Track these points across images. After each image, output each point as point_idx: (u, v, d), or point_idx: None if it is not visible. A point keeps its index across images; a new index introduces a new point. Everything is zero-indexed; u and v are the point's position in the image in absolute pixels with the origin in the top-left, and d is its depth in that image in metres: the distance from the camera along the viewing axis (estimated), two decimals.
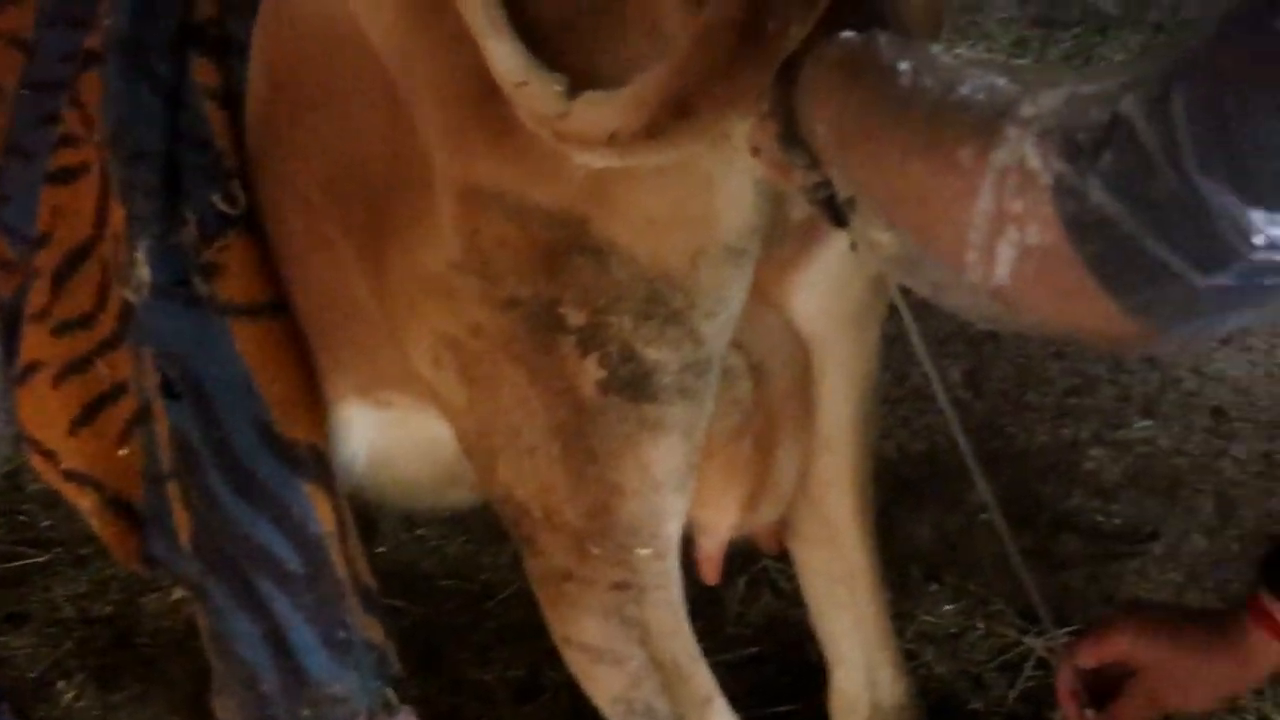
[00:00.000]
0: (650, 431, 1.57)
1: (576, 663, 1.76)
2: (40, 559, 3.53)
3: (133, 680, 3.08)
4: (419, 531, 3.56)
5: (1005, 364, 3.20)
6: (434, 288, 1.58)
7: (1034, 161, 1.00)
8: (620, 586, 1.66)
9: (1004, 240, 1.03)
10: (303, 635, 1.85)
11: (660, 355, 1.52)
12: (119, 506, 1.96)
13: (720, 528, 1.87)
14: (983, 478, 1.69)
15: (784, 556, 2.12)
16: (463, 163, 1.49)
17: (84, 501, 1.98)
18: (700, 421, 1.62)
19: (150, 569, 2.00)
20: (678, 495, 1.64)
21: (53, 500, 3.50)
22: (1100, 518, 2.94)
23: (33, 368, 1.97)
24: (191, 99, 1.77)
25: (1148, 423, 3.01)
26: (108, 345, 1.93)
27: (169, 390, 1.78)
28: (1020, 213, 1.01)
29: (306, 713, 1.90)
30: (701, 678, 1.75)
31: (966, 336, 3.24)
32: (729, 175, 1.44)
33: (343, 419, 1.88)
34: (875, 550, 2.00)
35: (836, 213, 1.33)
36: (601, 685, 1.76)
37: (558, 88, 1.33)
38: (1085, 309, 1.03)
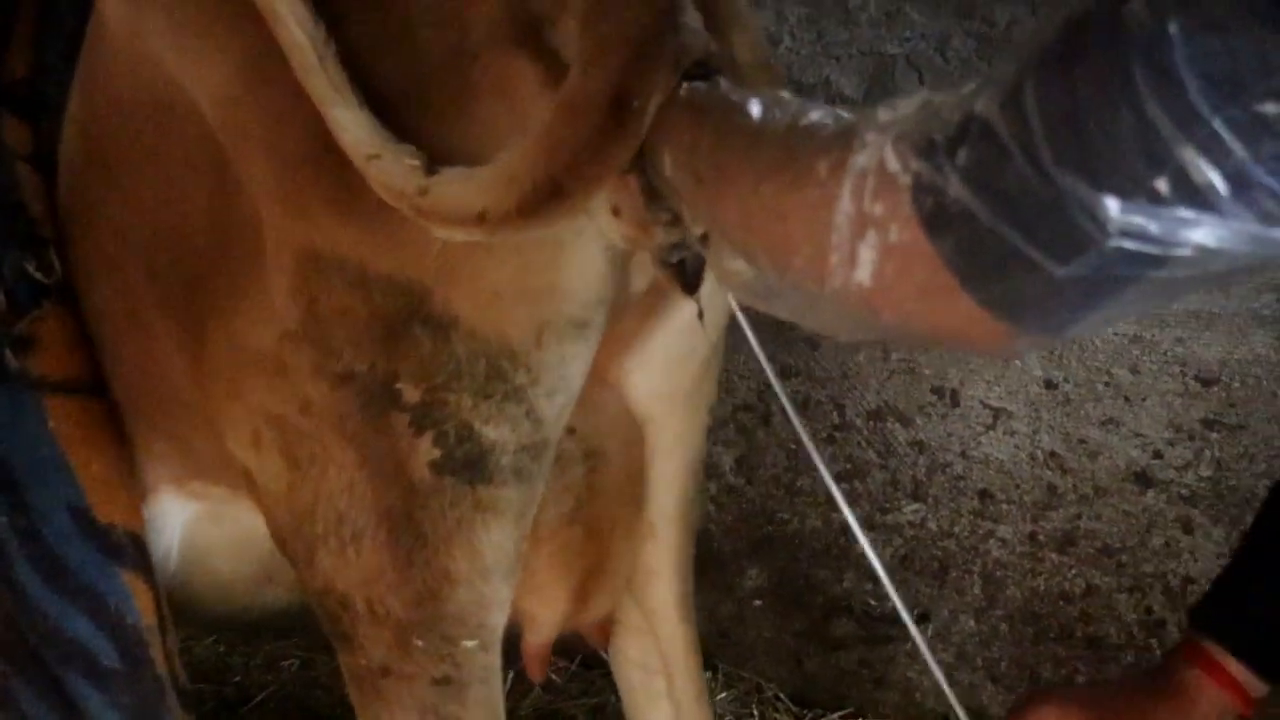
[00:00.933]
0: (483, 514, 1.56)
1: None
2: None
3: None
4: None
5: (777, 449, 3.18)
6: (260, 363, 1.55)
7: (892, 163, 1.01)
8: (442, 682, 1.64)
9: (865, 243, 1.03)
10: None
11: (498, 435, 1.52)
12: None
13: (549, 621, 1.87)
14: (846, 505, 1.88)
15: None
16: (301, 227, 1.46)
17: None
18: (532, 506, 1.62)
19: None
20: (505, 583, 1.64)
21: None
22: (872, 601, 3.25)
23: None
24: (1, 162, 1.73)
25: (917, 506, 3.11)
26: None
27: None
28: (880, 215, 1.01)
29: None
30: None
31: (738, 424, 3.17)
32: (578, 244, 1.45)
33: (157, 511, 1.85)
34: (694, 639, 2.07)
35: (687, 278, 1.40)
36: None
37: (413, 162, 1.33)
38: (945, 307, 1.03)
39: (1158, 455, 2.84)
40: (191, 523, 1.87)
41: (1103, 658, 3.06)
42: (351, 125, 1.34)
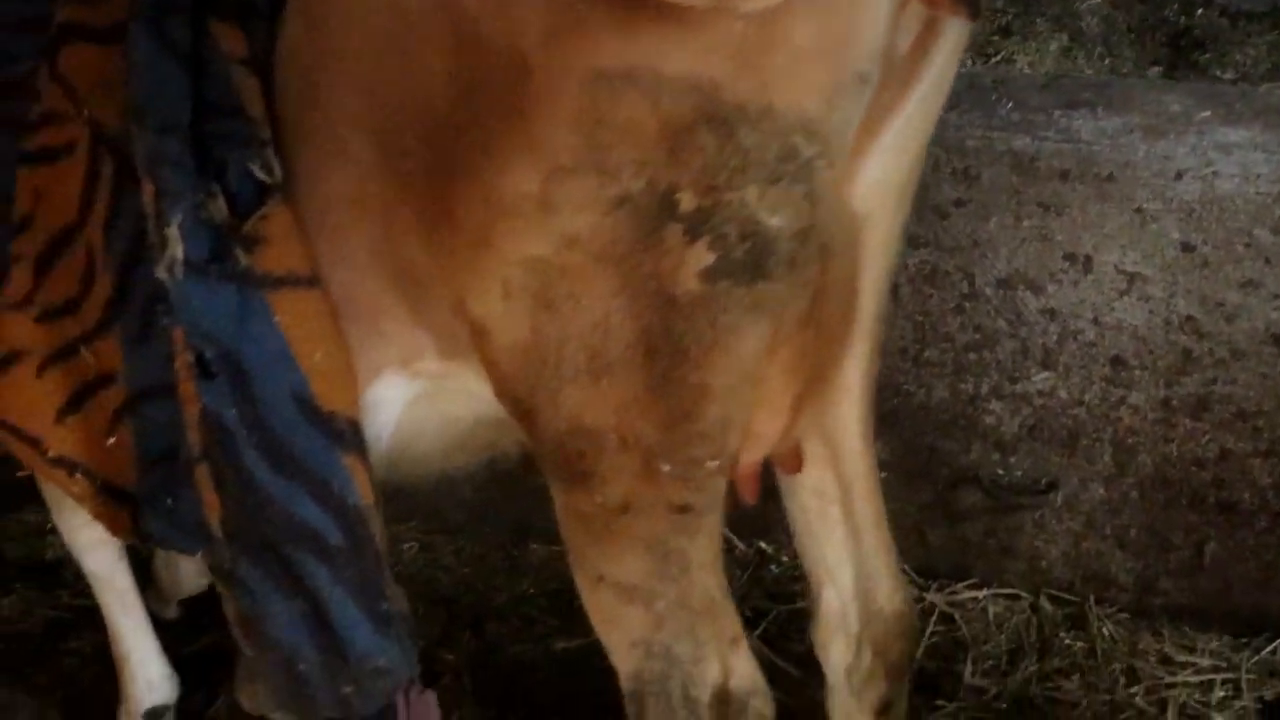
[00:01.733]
0: (752, 315, 1.59)
1: (604, 605, 1.81)
2: None
3: None
4: None
5: (904, 321, 3.17)
6: (520, 209, 1.58)
7: None
8: (680, 510, 1.70)
9: None
10: (346, 610, 1.85)
11: (781, 222, 1.54)
12: (110, 492, 1.99)
13: (767, 436, 1.84)
14: None
15: None
16: (585, 50, 1.48)
17: (74, 488, 2.02)
18: (791, 303, 1.66)
19: (144, 541, 2.06)
20: (749, 394, 1.69)
21: None
22: (999, 471, 3.22)
23: (13, 357, 1.99)
24: (216, 67, 1.75)
25: (1047, 374, 3.10)
26: (93, 334, 1.93)
27: (203, 369, 1.77)
28: None
29: (348, 689, 1.89)
30: (731, 616, 1.83)
31: None
32: None
33: (380, 394, 1.90)
34: (874, 462, 2.14)
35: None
36: (624, 628, 1.81)
37: None
38: None
39: None
40: (408, 401, 1.93)
41: (1235, 523, 3.05)
42: None
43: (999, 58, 3.78)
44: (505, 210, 1.60)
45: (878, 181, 1.79)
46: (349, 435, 1.82)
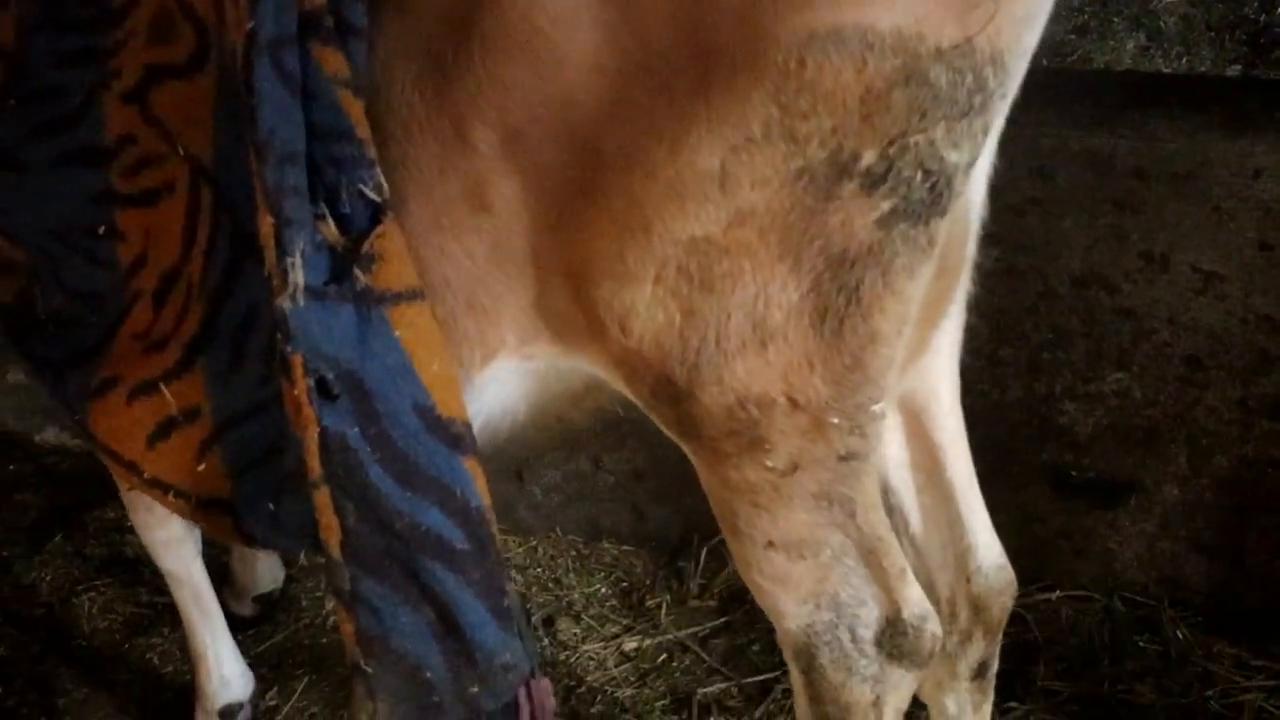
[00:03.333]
0: (925, 255, 1.63)
1: (773, 570, 1.84)
2: None
3: (75, 684, 3.24)
4: None
5: (979, 319, 3.16)
6: (695, 188, 1.61)
7: None
8: (847, 457, 1.75)
9: None
10: (474, 612, 1.87)
11: (960, 156, 1.58)
12: (208, 504, 2.05)
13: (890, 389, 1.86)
14: None
15: None
16: (797, 14, 1.50)
17: (174, 505, 2.08)
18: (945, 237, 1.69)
19: (249, 544, 2.15)
20: (908, 333, 1.73)
21: None
22: (1073, 471, 3.21)
23: (111, 382, 2.06)
24: (322, 91, 1.76)
25: (1121, 374, 3.08)
26: (172, 373, 2.01)
27: (324, 392, 1.78)
28: None
29: (474, 689, 1.90)
30: (896, 550, 1.86)
31: None
32: None
33: (486, 377, 1.97)
34: (963, 423, 2.18)
35: None
36: (795, 586, 1.84)
37: None
38: None
39: None
40: (516, 380, 2.00)
41: None
42: None
43: (1075, 57, 3.76)
44: (675, 191, 1.63)
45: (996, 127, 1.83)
46: (466, 439, 1.86)
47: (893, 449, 2.16)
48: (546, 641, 3.42)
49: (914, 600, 1.91)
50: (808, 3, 1.50)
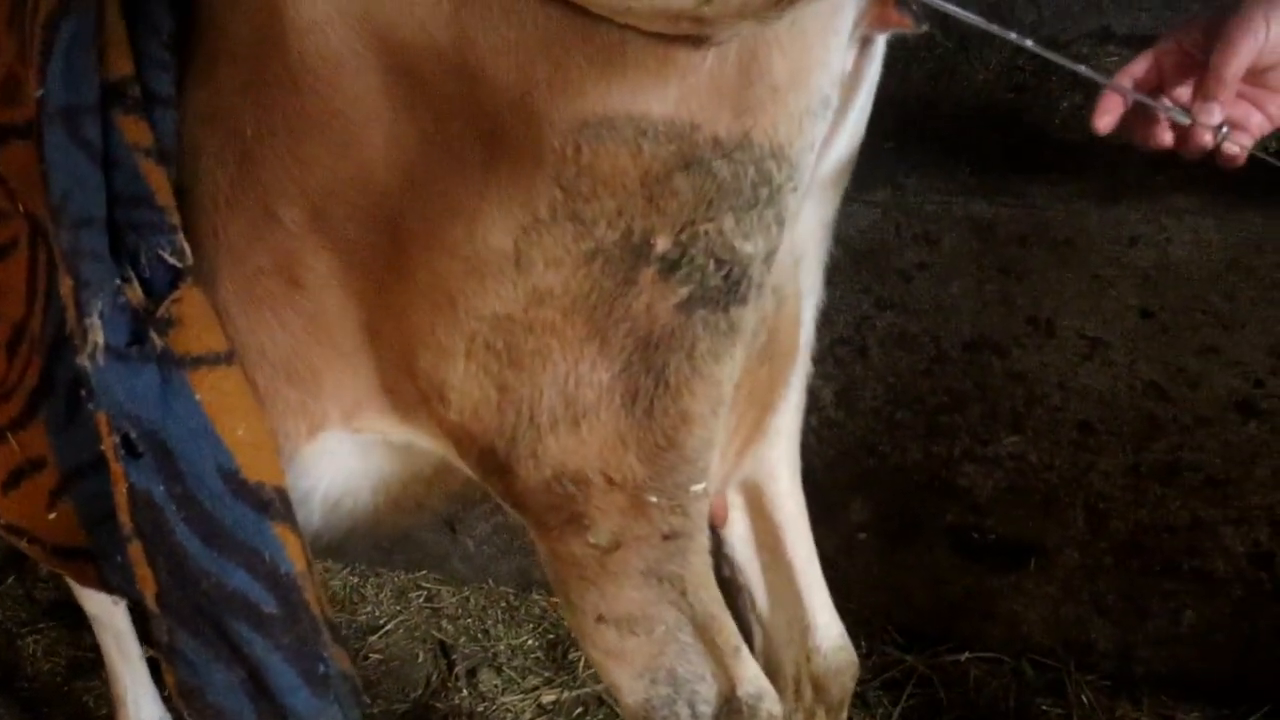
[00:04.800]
0: (729, 340, 1.62)
1: (606, 644, 1.83)
2: None
3: None
4: None
5: (875, 383, 3.18)
6: (485, 268, 1.62)
7: None
8: (671, 536, 1.73)
9: None
10: (284, 676, 1.87)
11: (755, 247, 1.57)
12: (65, 552, 2.06)
13: (717, 476, 1.86)
14: None
15: None
16: (566, 103, 1.51)
17: (31, 550, 2.11)
18: (756, 327, 1.70)
19: (109, 592, 2.10)
20: (726, 416, 1.72)
21: None
22: (975, 533, 3.23)
23: None
24: (123, 158, 1.79)
25: (1016, 438, 3.09)
26: (17, 422, 2.02)
27: (129, 449, 1.80)
28: None
29: None
30: (730, 628, 1.83)
31: (836, 358, 3.18)
32: (842, 9, 1.52)
33: (315, 449, 1.95)
34: (803, 503, 2.16)
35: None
36: (629, 661, 1.83)
37: None
38: None
39: (1259, 384, 2.78)
40: (349, 457, 1.98)
41: (1211, 591, 3.01)
42: None
43: (1004, 115, 3.77)
44: (473, 269, 1.64)
45: (816, 219, 1.86)
46: (277, 504, 1.85)
47: (738, 528, 2.18)
48: (466, 692, 3.46)
49: (749, 678, 1.88)
50: (579, 91, 1.50)
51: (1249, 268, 2.70)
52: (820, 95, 1.53)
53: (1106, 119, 1.75)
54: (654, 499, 1.70)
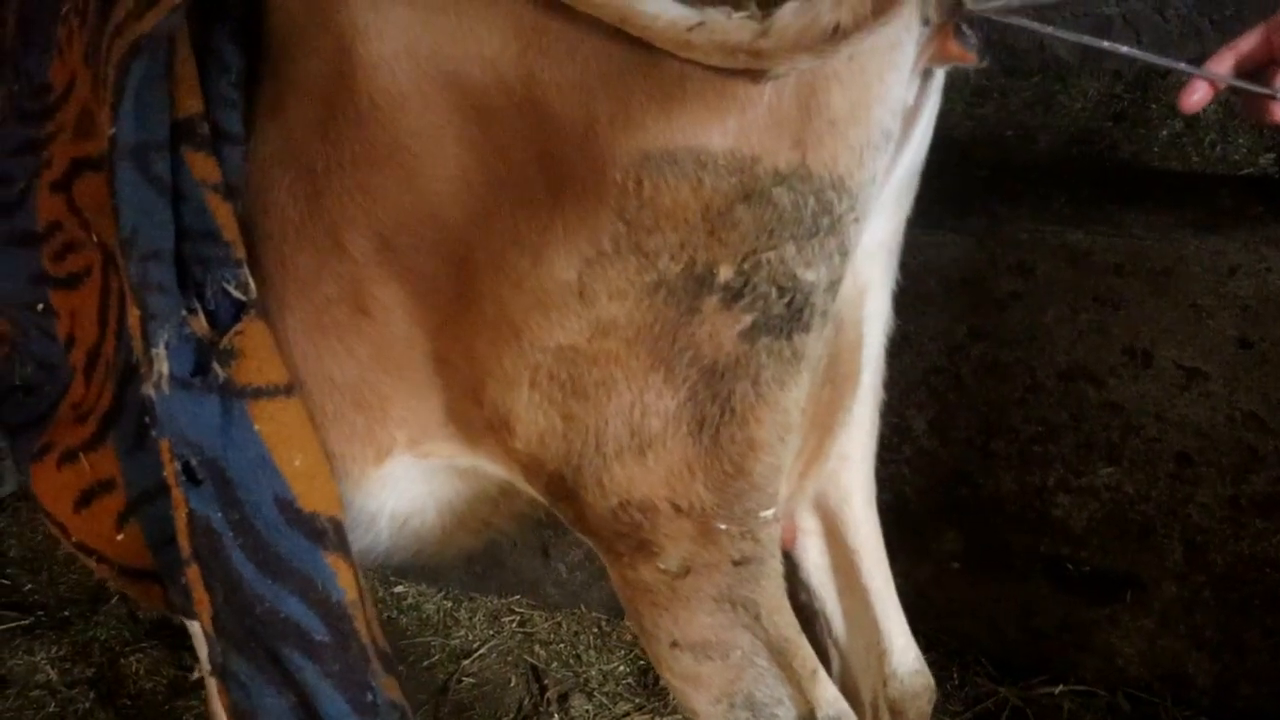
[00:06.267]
0: (794, 367, 1.63)
1: (682, 668, 1.84)
2: (23, 622, 3.89)
3: None
4: (397, 588, 4.08)
5: (968, 412, 3.17)
6: (551, 300, 1.65)
7: None
8: (741, 563, 1.74)
9: None
10: (333, 702, 1.90)
11: (817, 275, 1.59)
12: (131, 573, 2.12)
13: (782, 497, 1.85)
14: None
15: None
16: (628, 137, 1.54)
17: (99, 570, 2.15)
18: (821, 353, 1.71)
19: (174, 613, 2.18)
20: (794, 443, 1.73)
21: (35, 564, 4.27)
22: (1070, 564, 3.20)
23: (47, 447, 2.14)
24: (191, 193, 1.84)
25: (1112, 469, 3.07)
26: (90, 443, 2.07)
27: (190, 476, 1.85)
28: None
29: None
30: (806, 650, 1.84)
31: (930, 387, 3.17)
32: (900, 48, 1.52)
33: (382, 474, 2.00)
34: (879, 526, 2.17)
35: (974, 41, 1.54)
36: (705, 686, 1.84)
37: (741, 13, 1.43)
38: None
39: None
40: (417, 479, 2.02)
41: None
42: (660, 9, 1.45)
43: (1102, 145, 3.75)
44: (539, 301, 1.67)
45: (877, 244, 1.88)
46: (331, 534, 1.90)
47: (813, 554, 2.19)
48: (557, 717, 3.47)
49: (828, 701, 1.89)
50: (640, 125, 1.54)
51: None
52: (881, 128, 1.54)
53: (1195, 98, 1.72)
54: (723, 526, 1.72)
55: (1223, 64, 1.71)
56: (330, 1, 1.75)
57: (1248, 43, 1.71)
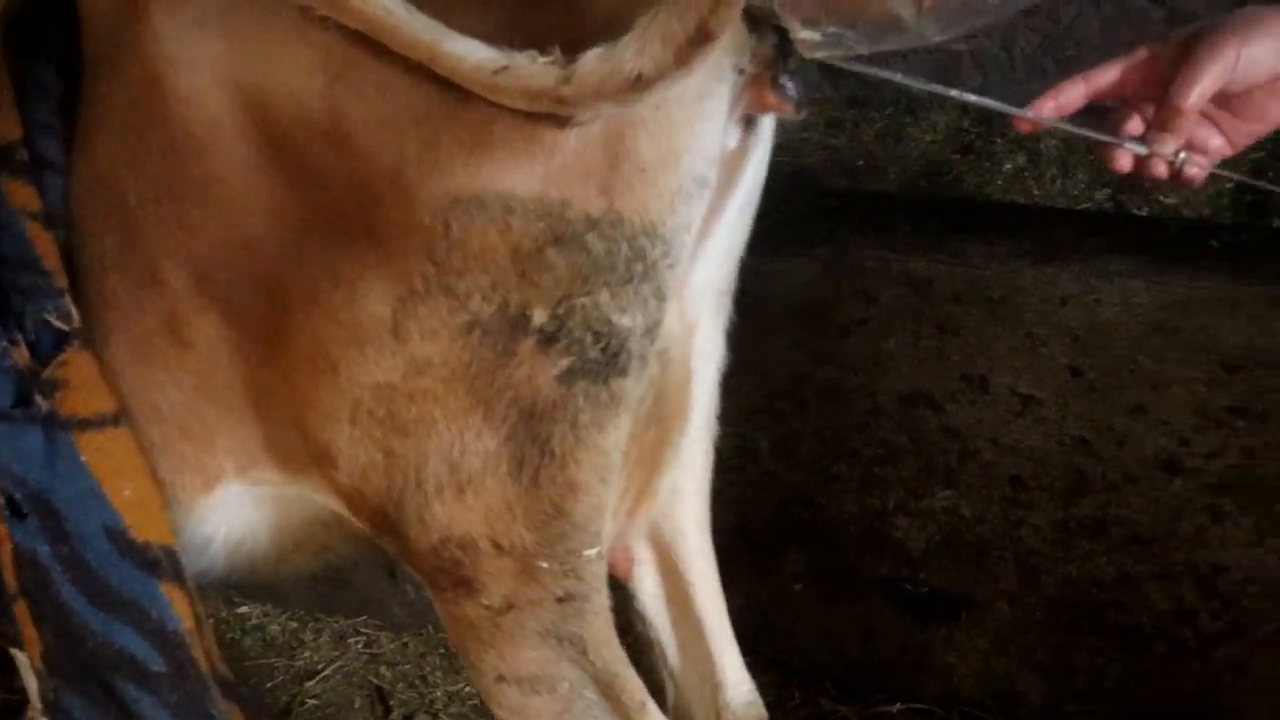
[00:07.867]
0: (612, 411, 1.65)
1: (509, 703, 1.85)
2: None
3: None
4: (241, 609, 4.06)
5: (811, 436, 3.23)
6: (366, 336, 1.64)
7: None
8: (565, 599, 1.75)
9: None
10: None
11: (633, 321, 1.60)
12: None
13: (608, 533, 1.86)
14: None
15: None
16: (436, 179, 1.54)
17: None
18: (642, 396, 1.73)
19: (11, 645, 2.08)
20: (616, 483, 1.74)
21: None
22: (909, 586, 3.29)
23: None
24: (10, 221, 1.81)
25: (950, 492, 3.15)
26: None
27: (13, 510, 1.82)
28: None
29: None
30: (635, 684, 1.85)
31: (774, 411, 3.24)
32: (712, 94, 1.55)
33: (211, 502, 1.97)
34: (714, 562, 2.18)
35: (784, 46, 1.53)
36: (534, 719, 1.85)
37: (545, 58, 1.43)
38: None
39: (1184, 443, 2.84)
40: (246, 507, 2.01)
41: (1135, 648, 3.06)
42: (468, 51, 1.44)
43: (948, 177, 3.85)
44: (354, 336, 1.66)
45: (706, 285, 1.89)
46: (164, 563, 1.87)
47: (648, 584, 2.21)
48: None
49: None
50: (449, 170, 1.55)
51: (1175, 329, 2.76)
52: (692, 175, 1.57)
53: (1027, 126, 1.77)
54: (545, 564, 1.73)
55: (1072, 93, 1.75)
56: (138, 31, 1.73)
57: (1104, 77, 1.75)
